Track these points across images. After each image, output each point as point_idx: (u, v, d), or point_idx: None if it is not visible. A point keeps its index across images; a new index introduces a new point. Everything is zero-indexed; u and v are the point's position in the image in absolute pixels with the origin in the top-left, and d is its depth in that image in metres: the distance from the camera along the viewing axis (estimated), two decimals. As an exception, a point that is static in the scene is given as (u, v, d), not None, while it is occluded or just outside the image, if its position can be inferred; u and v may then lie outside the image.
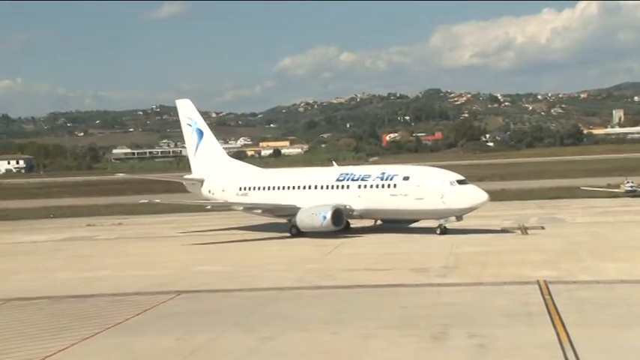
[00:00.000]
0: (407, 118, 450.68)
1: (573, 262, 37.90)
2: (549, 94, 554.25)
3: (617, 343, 22.55)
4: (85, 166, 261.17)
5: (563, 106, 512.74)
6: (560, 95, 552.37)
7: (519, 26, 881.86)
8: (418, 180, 51.31)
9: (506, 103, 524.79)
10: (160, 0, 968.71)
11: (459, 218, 50.50)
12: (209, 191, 65.62)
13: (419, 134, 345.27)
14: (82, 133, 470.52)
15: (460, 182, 50.42)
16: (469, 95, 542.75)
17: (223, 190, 64.07)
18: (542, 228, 52.95)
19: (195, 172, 68.45)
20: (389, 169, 55.29)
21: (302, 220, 53.57)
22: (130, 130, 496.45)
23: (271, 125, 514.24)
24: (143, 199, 66.23)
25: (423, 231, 53.17)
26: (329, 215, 51.74)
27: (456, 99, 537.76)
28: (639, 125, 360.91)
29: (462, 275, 35.93)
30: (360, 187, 54.18)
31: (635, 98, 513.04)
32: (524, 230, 52.19)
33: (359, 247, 48.14)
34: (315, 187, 57.04)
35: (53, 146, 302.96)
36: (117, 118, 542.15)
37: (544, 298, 29.27)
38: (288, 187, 59.11)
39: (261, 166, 74.77)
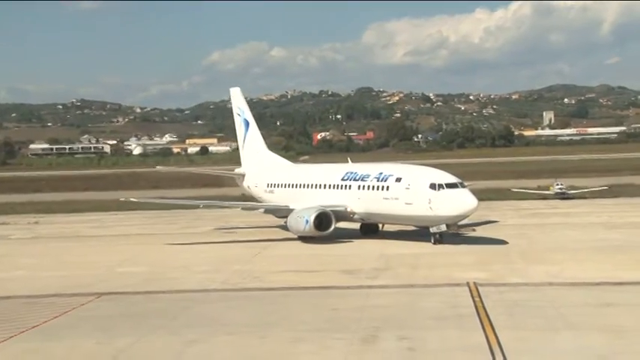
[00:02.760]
0: (338, 116, 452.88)
1: (503, 264, 38.76)
2: (481, 95, 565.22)
3: (545, 346, 23.16)
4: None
5: (494, 106, 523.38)
6: (492, 96, 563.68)
7: (453, 25, 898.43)
8: (408, 182, 47.20)
9: (439, 103, 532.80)
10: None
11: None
12: (248, 186, 64.79)
13: (350, 133, 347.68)
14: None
15: (449, 186, 45.65)
16: (401, 94, 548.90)
17: (256, 186, 63.22)
18: (474, 230, 53.89)
19: (243, 166, 67.38)
20: (387, 168, 51.80)
21: (290, 223, 50.78)
22: (49, 124, 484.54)
23: (198, 122, 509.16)
24: (64, 196, 64.92)
25: (352, 233, 53.61)
26: (312, 219, 48.65)
27: (388, 98, 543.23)
28: (569, 127, 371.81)
29: (392, 277, 36.35)
30: (359, 187, 50.95)
31: (565, 100, 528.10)
32: (457, 231, 52.85)
33: (288, 249, 48.20)
34: (323, 187, 54.65)
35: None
36: (34, 111, 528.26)
37: (474, 301, 29.86)
38: (300, 186, 57.31)
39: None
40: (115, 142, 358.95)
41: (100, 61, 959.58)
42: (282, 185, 59.71)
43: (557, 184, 79.77)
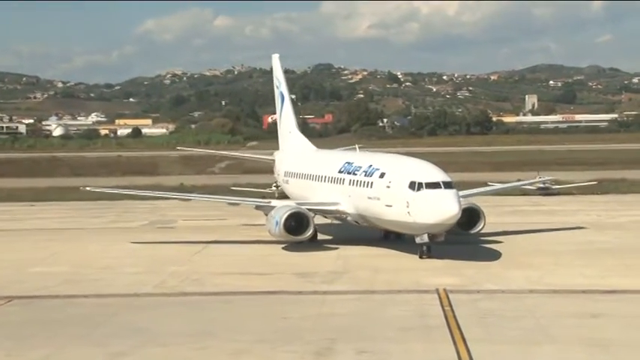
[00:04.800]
0: (293, 96, 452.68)
1: (478, 269, 39.16)
2: (456, 75, 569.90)
3: (523, 361, 23.49)
4: None
5: (470, 88, 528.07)
6: (467, 76, 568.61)
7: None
8: (390, 178, 43.65)
9: (408, 83, 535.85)
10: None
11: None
12: (275, 174, 64.22)
13: (306, 116, 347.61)
14: None
15: (430, 185, 41.31)
16: (365, 72, 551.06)
17: (278, 174, 62.58)
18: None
19: (279, 149, 66.42)
20: (377, 160, 48.78)
21: (266, 224, 47.52)
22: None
23: (130, 99, 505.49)
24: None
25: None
26: (282, 220, 45.09)
27: (350, 76, 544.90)
28: (554, 113, 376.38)
29: (351, 282, 36.56)
30: (350, 182, 47.98)
31: (551, 82, 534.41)
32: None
33: (234, 248, 48.19)
34: (321, 179, 52.58)
35: None
36: None
37: (444, 310, 30.16)
38: (304, 177, 56.01)
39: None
40: (31, 121, 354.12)
41: (15, 25, 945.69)
42: (294, 175, 58.68)
43: (540, 178, 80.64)
